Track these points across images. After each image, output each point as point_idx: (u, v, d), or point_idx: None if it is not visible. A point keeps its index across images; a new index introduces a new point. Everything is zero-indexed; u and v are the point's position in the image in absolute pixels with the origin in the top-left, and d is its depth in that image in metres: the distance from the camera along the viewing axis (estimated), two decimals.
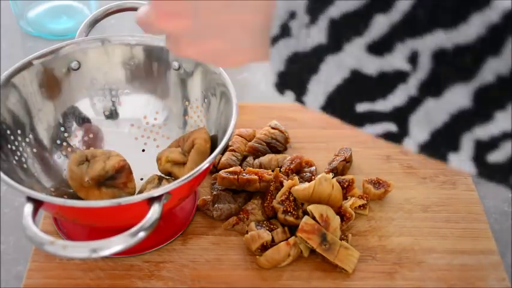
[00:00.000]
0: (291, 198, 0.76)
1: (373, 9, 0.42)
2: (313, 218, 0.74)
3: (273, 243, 0.74)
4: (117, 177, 0.76)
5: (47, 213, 0.77)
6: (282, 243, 0.73)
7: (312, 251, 0.74)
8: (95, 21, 0.83)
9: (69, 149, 0.81)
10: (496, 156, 0.43)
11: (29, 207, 0.63)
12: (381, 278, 0.73)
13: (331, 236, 0.73)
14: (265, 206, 0.77)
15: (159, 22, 0.55)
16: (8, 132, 0.75)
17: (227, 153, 0.84)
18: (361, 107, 0.46)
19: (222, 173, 0.79)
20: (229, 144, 0.85)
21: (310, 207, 0.74)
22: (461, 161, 0.45)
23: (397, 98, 0.44)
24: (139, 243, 0.62)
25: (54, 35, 1.06)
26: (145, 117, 0.84)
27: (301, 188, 0.75)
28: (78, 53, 0.81)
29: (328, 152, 0.86)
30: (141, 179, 0.81)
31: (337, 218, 0.74)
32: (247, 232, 0.75)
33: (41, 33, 1.06)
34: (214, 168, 0.83)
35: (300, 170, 0.83)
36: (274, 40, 0.47)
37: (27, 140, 0.77)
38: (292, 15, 0.46)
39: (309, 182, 0.80)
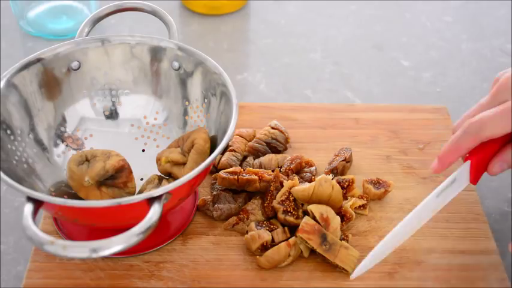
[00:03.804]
0: (291, 198, 0.76)
1: None
2: (314, 218, 0.74)
3: (273, 243, 0.74)
4: (117, 177, 0.76)
5: (47, 213, 0.77)
6: (282, 243, 0.73)
7: (312, 251, 0.74)
8: (95, 21, 0.83)
9: (69, 149, 0.81)
10: None
11: (29, 207, 0.63)
12: (381, 278, 0.73)
13: (331, 236, 0.73)
14: (265, 206, 0.77)
15: None
16: (8, 132, 0.75)
17: (227, 153, 0.84)
18: None
19: (222, 173, 0.79)
20: (229, 144, 0.85)
21: (311, 207, 0.74)
22: None
23: None
24: (139, 243, 0.62)
25: (54, 35, 1.06)
26: (145, 117, 0.84)
27: (301, 188, 0.75)
28: (78, 53, 0.81)
29: (328, 152, 0.86)
30: (141, 179, 0.81)
31: (338, 218, 0.74)
32: (247, 232, 0.75)
33: (41, 33, 1.06)
34: (214, 168, 0.83)
35: (300, 170, 0.83)
36: None
37: (27, 140, 0.77)
38: None
39: (309, 182, 0.80)
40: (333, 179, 0.76)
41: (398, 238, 0.72)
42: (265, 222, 0.76)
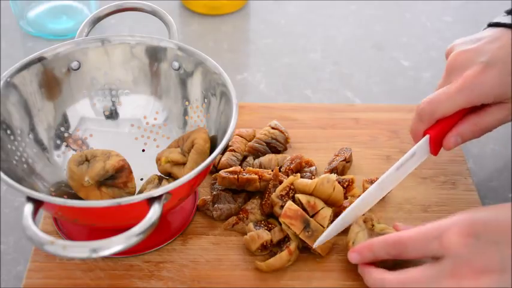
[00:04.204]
0: (290, 195, 0.76)
1: None
2: (302, 205, 0.74)
3: (271, 243, 0.74)
4: (117, 177, 0.76)
5: (47, 213, 0.77)
6: (284, 252, 0.72)
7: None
8: (95, 21, 0.83)
9: (69, 149, 0.81)
10: None
11: (29, 207, 0.63)
12: None
13: (314, 223, 0.73)
14: (262, 204, 0.77)
15: (470, 277, 0.63)
16: (8, 132, 0.75)
17: (227, 153, 0.84)
18: None
19: (222, 172, 0.79)
20: (229, 144, 0.85)
21: (298, 196, 0.74)
22: None
23: None
24: (139, 243, 0.62)
25: (54, 35, 1.06)
26: (145, 117, 0.84)
27: (304, 182, 0.75)
28: (78, 53, 0.81)
29: (328, 152, 0.86)
30: (141, 179, 0.81)
31: (329, 209, 0.74)
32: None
33: (41, 33, 1.06)
34: (214, 168, 0.83)
35: (300, 170, 0.83)
36: None
37: (27, 140, 0.77)
38: None
39: None
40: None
41: (359, 209, 0.75)
42: (263, 222, 0.76)
